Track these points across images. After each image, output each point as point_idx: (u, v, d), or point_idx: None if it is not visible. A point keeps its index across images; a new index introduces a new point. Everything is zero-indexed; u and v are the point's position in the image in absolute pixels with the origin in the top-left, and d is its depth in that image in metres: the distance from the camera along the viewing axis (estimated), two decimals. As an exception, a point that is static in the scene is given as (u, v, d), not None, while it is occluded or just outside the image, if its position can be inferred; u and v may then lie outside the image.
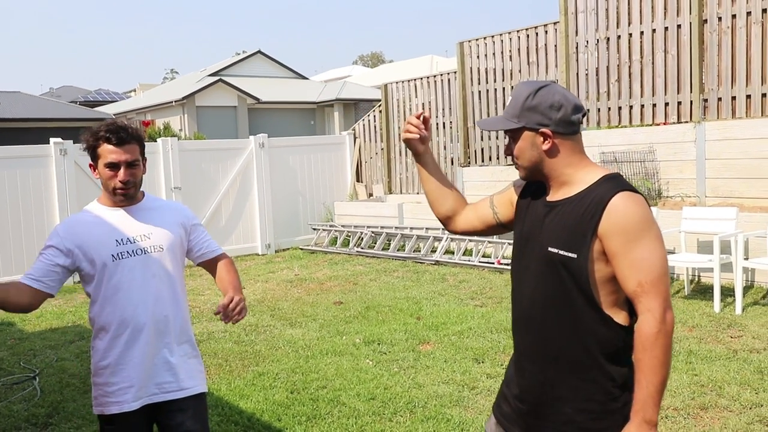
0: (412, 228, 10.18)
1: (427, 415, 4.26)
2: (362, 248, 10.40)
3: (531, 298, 1.99)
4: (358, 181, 12.80)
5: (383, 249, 10.15)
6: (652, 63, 8.67)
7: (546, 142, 1.92)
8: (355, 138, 12.87)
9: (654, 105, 8.69)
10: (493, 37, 10.41)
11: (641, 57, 8.82)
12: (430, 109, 11.41)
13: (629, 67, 8.94)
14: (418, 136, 2.18)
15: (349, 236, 10.98)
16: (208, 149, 11.11)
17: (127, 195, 2.49)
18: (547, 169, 1.96)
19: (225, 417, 4.35)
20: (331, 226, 11.34)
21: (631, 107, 8.94)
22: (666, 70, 8.54)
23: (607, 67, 9.15)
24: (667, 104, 8.57)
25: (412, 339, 5.86)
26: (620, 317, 1.89)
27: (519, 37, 10.03)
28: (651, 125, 8.78)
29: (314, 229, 11.52)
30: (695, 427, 3.94)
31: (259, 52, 31.12)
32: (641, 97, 8.83)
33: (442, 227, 2.35)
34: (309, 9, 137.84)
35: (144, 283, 2.47)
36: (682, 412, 4.13)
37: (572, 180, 1.94)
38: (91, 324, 2.53)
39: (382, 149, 12.52)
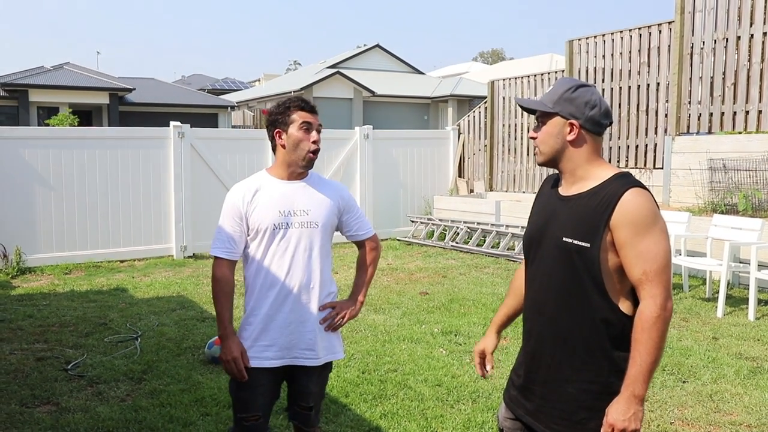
0: (507, 226, 10.13)
1: (488, 405, 4.33)
2: (457, 243, 10.48)
3: (544, 283, 2.11)
4: (460, 176, 12.86)
5: (477, 245, 10.18)
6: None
7: (572, 132, 2.05)
8: (459, 133, 12.94)
9: (772, 111, 8.24)
10: (603, 36, 10.17)
11: (762, 60, 8.36)
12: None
13: (748, 70, 8.49)
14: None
15: (446, 230, 11.08)
16: (314, 138, 11.51)
17: (313, 160, 2.71)
18: (566, 159, 2.08)
19: (297, 389, 4.60)
20: (429, 219, 11.48)
21: (747, 113, 8.50)
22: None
23: (723, 70, 8.73)
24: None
25: (490, 333, 5.90)
26: (625, 306, 2.00)
27: (631, 36, 9.74)
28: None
29: (412, 221, 11.71)
30: (766, 446, 3.79)
31: (378, 46, 31.68)
32: (759, 102, 8.38)
33: None
34: (432, 4, 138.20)
35: (296, 254, 2.66)
36: (755, 430, 3.97)
37: (587, 175, 2.06)
38: (245, 282, 2.76)
39: (485, 146, 12.52)
